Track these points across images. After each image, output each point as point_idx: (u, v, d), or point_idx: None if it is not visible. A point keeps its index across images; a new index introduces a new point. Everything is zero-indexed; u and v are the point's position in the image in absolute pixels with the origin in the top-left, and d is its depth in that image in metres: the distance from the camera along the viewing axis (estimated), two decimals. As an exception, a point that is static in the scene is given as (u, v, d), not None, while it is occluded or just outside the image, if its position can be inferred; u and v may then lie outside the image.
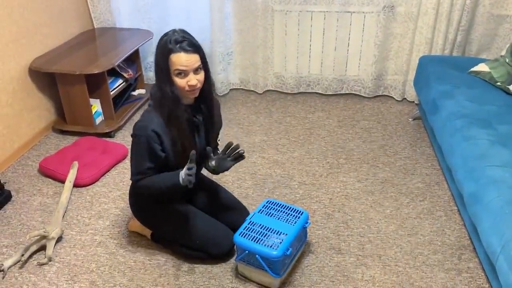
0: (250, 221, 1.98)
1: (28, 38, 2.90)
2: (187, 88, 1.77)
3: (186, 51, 1.72)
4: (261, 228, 1.94)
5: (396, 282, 1.97)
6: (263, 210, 2.05)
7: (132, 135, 1.88)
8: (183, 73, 1.75)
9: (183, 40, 1.73)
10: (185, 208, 2.04)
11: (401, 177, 2.65)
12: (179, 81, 1.76)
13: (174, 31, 1.77)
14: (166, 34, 1.76)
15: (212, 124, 2.00)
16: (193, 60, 1.74)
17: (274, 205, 2.08)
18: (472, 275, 2.00)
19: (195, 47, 1.75)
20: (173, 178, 1.82)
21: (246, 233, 1.91)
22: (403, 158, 2.83)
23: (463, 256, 2.10)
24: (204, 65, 1.81)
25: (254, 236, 1.89)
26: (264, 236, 1.90)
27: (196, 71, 1.77)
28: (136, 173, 1.87)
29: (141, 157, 1.84)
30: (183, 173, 1.77)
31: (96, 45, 3.23)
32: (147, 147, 1.82)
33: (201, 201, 2.15)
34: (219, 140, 2.15)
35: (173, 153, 1.87)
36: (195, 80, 1.76)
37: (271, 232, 1.92)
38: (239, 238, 1.89)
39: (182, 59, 1.72)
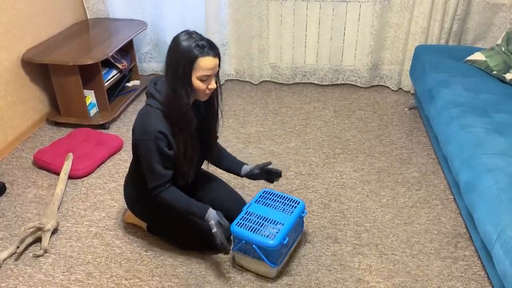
0: (247, 211, 1.98)
1: (20, 29, 2.87)
2: (207, 91, 1.77)
3: (212, 55, 1.71)
4: (257, 218, 1.94)
5: (392, 270, 1.98)
6: (259, 200, 2.05)
7: (137, 141, 1.81)
8: (206, 78, 1.74)
9: (207, 45, 1.71)
10: None
11: (397, 167, 2.65)
12: (201, 85, 1.74)
13: (190, 33, 1.72)
14: (187, 38, 1.70)
15: (209, 125, 1.98)
16: (216, 64, 1.74)
17: (270, 195, 2.08)
18: (468, 263, 2.01)
19: (218, 51, 1.75)
20: (200, 211, 1.84)
21: (243, 223, 1.91)
22: (399, 148, 2.83)
23: (459, 244, 2.10)
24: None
25: (251, 226, 1.89)
26: (261, 226, 1.89)
27: (215, 75, 1.78)
28: (155, 183, 1.84)
29: (155, 165, 1.80)
30: (215, 222, 1.81)
31: (90, 36, 3.20)
32: (157, 151, 1.78)
33: (199, 193, 2.14)
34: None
35: (178, 154, 1.84)
36: (214, 83, 1.78)
37: (268, 222, 1.92)
38: (236, 228, 1.89)
39: (209, 65, 1.70)
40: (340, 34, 3.43)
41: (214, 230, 1.80)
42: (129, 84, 3.52)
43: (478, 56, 2.81)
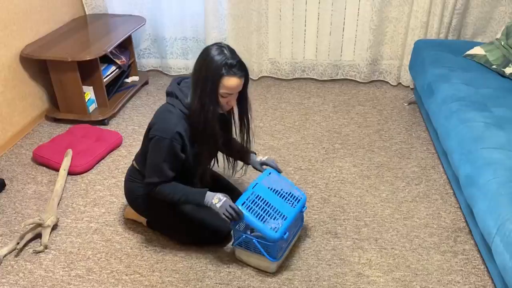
0: (253, 192, 1.92)
1: (18, 25, 2.86)
2: (225, 107, 1.83)
3: (238, 76, 1.73)
4: (263, 203, 1.89)
5: (392, 264, 1.98)
6: (266, 181, 1.99)
7: (154, 137, 1.81)
8: (227, 96, 1.77)
9: (237, 64, 1.72)
10: None
11: (397, 161, 2.65)
12: (221, 100, 1.78)
13: (222, 48, 1.73)
14: (219, 53, 1.71)
15: (227, 132, 2.03)
16: (241, 84, 1.77)
17: (276, 178, 2.04)
18: (468, 256, 2.01)
19: (246, 72, 1.77)
20: (197, 198, 1.84)
21: (251, 206, 1.85)
22: (399, 143, 2.83)
23: (458, 238, 2.11)
24: (245, 84, 1.83)
25: (258, 212, 1.84)
26: (266, 214, 1.86)
27: (237, 93, 1.81)
28: (156, 180, 1.85)
29: (163, 163, 1.81)
30: (220, 205, 1.79)
31: (88, 31, 3.19)
32: (170, 151, 1.80)
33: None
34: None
35: (192, 157, 1.87)
36: (235, 101, 1.83)
37: (272, 210, 1.88)
38: (242, 209, 1.83)
39: (233, 84, 1.73)
40: (339, 29, 3.42)
41: (218, 209, 1.80)
42: (128, 80, 3.51)
43: (477, 50, 2.81)
